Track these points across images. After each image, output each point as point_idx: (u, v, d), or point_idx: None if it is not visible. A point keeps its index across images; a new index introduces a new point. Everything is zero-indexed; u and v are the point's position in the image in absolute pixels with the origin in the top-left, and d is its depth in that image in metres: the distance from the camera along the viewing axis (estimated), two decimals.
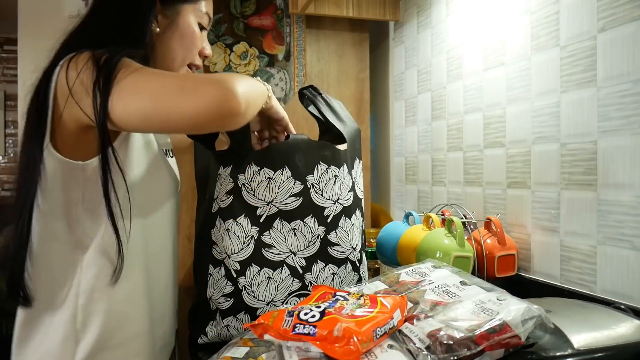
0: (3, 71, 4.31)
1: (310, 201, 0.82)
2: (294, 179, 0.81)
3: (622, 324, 0.69)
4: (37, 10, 1.69)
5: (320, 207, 0.83)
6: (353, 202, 0.87)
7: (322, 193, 0.82)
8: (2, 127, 4.30)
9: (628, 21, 0.88)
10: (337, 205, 0.83)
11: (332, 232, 0.84)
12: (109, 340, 0.74)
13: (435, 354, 0.57)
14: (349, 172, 0.86)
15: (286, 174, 0.81)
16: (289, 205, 0.82)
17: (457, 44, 1.42)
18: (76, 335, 0.73)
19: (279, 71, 1.82)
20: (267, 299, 0.83)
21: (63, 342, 0.73)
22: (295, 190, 0.82)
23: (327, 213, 0.83)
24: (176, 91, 0.64)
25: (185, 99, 0.63)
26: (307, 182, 0.82)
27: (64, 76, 0.70)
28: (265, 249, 0.83)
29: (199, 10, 0.86)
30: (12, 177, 4.27)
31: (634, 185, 0.87)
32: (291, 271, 0.83)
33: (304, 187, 0.82)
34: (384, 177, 1.96)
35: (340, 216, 0.84)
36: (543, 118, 1.08)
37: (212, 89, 0.63)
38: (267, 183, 0.81)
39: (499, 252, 1.09)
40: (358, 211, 0.89)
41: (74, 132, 0.71)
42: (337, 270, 0.86)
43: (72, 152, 0.72)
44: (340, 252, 0.86)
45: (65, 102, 0.69)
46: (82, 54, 0.71)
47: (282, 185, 0.81)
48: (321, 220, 0.83)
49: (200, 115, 0.63)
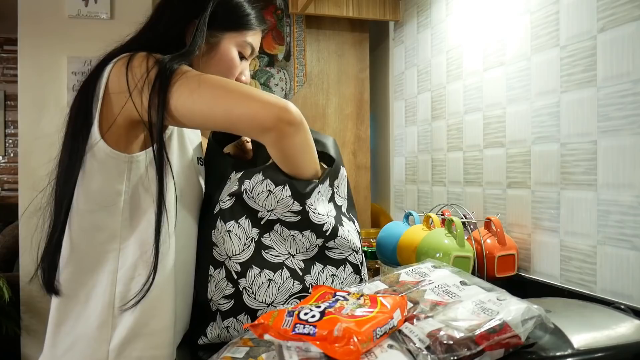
0: (3, 71, 4.31)
1: (309, 220, 0.82)
2: (293, 199, 0.81)
3: (622, 324, 0.69)
4: (37, 10, 1.69)
5: (320, 224, 0.83)
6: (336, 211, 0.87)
7: (317, 212, 0.82)
8: (2, 127, 4.30)
9: (628, 21, 0.88)
10: (330, 218, 0.84)
11: (330, 241, 0.85)
12: (143, 328, 0.77)
13: (435, 354, 0.57)
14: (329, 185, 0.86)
15: (286, 191, 0.81)
16: (289, 218, 0.82)
17: (457, 44, 1.42)
18: (113, 321, 0.76)
19: (279, 71, 1.82)
20: (268, 300, 0.83)
21: (99, 327, 0.75)
22: (294, 208, 0.82)
23: (325, 228, 0.83)
24: (243, 94, 0.73)
25: (251, 101, 0.73)
26: (306, 205, 0.82)
27: (119, 73, 0.74)
28: (265, 250, 0.83)
29: (242, 40, 0.89)
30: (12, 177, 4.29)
31: (634, 185, 0.87)
32: (291, 273, 0.83)
33: (302, 209, 0.82)
34: (384, 177, 1.96)
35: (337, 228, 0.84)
36: (543, 118, 1.08)
37: (274, 98, 0.74)
38: (267, 195, 0.81)
39: (499, 252, 1.09)
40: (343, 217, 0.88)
41: (123, 126, 0.76)
42: (336, 272, 0.86)
43: (118, 145, 0.76)
44: (339, 253, 0.86)
45: (117, 97, 0.74)
46: (138, 55, 0.76)
47: (281, 201, 0.81)
48: (320, 234, 0.84)
49: (263, 117, 0.72)
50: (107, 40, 0.84)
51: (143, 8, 1.77)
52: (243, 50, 0.90)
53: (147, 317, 0.77)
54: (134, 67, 0.74)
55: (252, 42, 0.90)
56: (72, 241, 0.77)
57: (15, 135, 4.33)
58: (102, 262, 0.77)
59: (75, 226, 0.77)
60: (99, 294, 0.76)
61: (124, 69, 0.74)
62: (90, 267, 0.77)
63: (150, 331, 0.77)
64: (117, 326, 0.76)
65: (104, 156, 0.76)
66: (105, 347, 0.75)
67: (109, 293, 0.76)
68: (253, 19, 0.90)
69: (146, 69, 0.73)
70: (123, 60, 0.76)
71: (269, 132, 0.74)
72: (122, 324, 0.76)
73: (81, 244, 0.77)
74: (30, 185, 1.63)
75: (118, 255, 0.77)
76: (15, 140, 4.35)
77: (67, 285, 0.77)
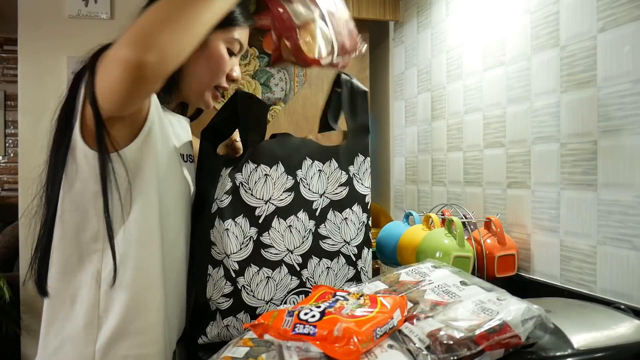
0: (3, 71, 4.31)
1: (300, 195, 0.86)
2: (286, 174, 0.85)
3: (622, 324, 0.69)
4: (37, 10, 1.69)
5: (310, 200, 0.86)
6: (347, 197, 0.89)
7: (309, 187, 0.85)
8: (2, 127, 4.30)
9: (628, 21, 0.88)
10: (324, 199, 0.86)
11: (321, 225, 0.87)
12: (129, 327, 0.77)
13: (435, 353, 0.57)
14: (340, 167, 0.88)
15: (280, 169, 0.84)
16: (284, 201, 0.85)
17: (457, 44, 1.42)
18: (98, 321, 0.76)
19: (279, 71, 1.82)
20: (267, 297, 0.83)
21: (85, 327, 0.76)
22: (288, 185, 0.85)
23: (315, 207, 0.86)
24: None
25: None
26: (297, 176, 0.86)
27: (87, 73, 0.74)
28: (264, 249, 0.83)
29: (230, 37, 0.89)
30: (12, 177, 4.29)
31: (634, 185, 0.87)
32: (289, 269, 0.84)
33: (294, 182, 0.85)
34: (384, 177, 1.96)
35: (328, 210, 0.87)
36: (543, 118, 1.08)
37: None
38: (264, 180, 0.83)
39: (499, 252, 1.09)
40: (357, 206, 0.90)
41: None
42: (331, 264, 0.88)
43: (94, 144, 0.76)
44: (332, 245, 0.88)
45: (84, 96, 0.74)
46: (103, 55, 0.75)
47: (277, 181, 0.84)
48: (311, 214, 0.86)
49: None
50: (107, 40, 0.83)
51: None
52: (231, 47, 0.90)
53: (133, 316, 0.77)
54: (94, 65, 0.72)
55: (240, 38, 0.91)
56: (58, 242, 0.77)
57: (15, 135, 4.33)
58: (86, 263, 0.77)
59: (60, 227, 0.77)
60: (84, 295, 0.76)
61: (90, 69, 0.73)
62: (75, 268, 0.77)
63: (136, 330, 0.77)
64: (102, 326, 0.76)
65: (82, 156, 0.75)
66: (92, 347, 0.75)
67: (93, 294, 0.76)
68: (238, 15, 0.90)
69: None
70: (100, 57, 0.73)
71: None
72: (107, 323, 0.76)
73: (66, 244, 0.77)
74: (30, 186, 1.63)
75: (102, 256, 0.77)
76: (15, 140, 4.34)
77: (54, 286, 0.77)
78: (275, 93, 1.82)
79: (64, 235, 0.77)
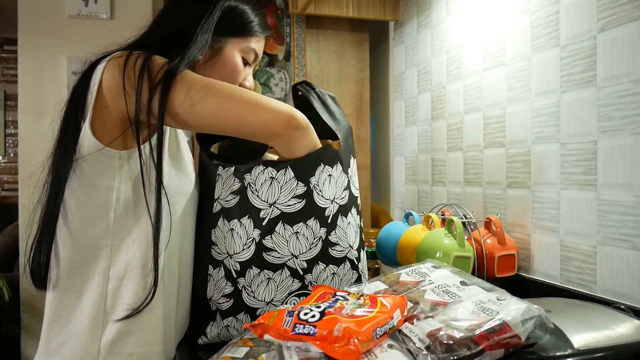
0: (3, 71, 4.31)
1: (313, 203, 0.82)
2: (297, 180, 0.81)
3: (622, 324, 0.69)
4: (37, 10, 1.69)
5: (322, 208, 0.83)
6: (348, 201, 0.87)
7: (322, 194, 0.82)
8: (2, 127, 4.30)
9: (628, 21, 0.88)
10: (334, 205, 0.84)
11: (332, 232, 0.84)
12: (134, 325, 0.77)
13: (435, 353, 0.57)
14: (343, 171, 0.86)
15: (289, 174, 0.81)
16: (292, 207, 0.82)
17: (457, 43, 1.42)
18: (105, 318, 0.76)
19: (279, 71, 1.82)
20: (267, 299, 0.83)
21: (91, 323, 0.75)
22: (298, 191, 0.81)
23: (327, 214, 0.83)
24: (251, 102, 0.76)
25: (260, 109, 0.75)
26: (310, 183, 0.82)
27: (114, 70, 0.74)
28: (266, 252, 0.82)
29: (246, 46, 0.90)
30: (12, 177, 4.29)
31: (634, 185, 0.87)
32: (291, 272, 0.83)
33: (307, 189, 0.82)
34: (384, 177, 1.96)
35: (338, 215, 0.85)
36: (543, 118, 1.08)
37: (282, 106, 0.76)
38: (269, 183, 0.81)
39: (499, 252, 1.09)
40: (354, 209, 0.89)
41: (116, 123, 0.76)
42: (337, 270, 0.86)
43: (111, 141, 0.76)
44: (339, 251, 0.85)
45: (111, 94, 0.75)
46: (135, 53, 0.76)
47: (285, 185, 0.81)
48: (323, 221, 0.83)
49: (273, 125, 0.76)
50: (107, 40, 0.83)
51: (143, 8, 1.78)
52: (247, 56, 0.91)
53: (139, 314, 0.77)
54: (130, 65, 0.74)
55: (256, 48, 0.91)
56: (68, 236, 0.77)
57: (15, 135, 4.33)
58: (95, 259, 0.77)
59: (67, 222, 0.77)
60: (91, 291, 0.76)
61: (121, 67, 0.74)
62: (83, 263, 0.77)
63: (141, 328, 0.77)
64: (107, 323, 0.76)
65: (95, 152, 0.75)
66: (97, 343, 0.75)
67: (101, 290, 0.76)
68: (257, 26, 0.91)
69: (146, 69, 0.74)
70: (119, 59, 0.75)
71: (279, 138, 0.78)
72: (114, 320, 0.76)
73: (75, 239, 0.77)
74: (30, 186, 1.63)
75: (110, 252, 0.77)
76: (15, 140, 4.35)
77: (62, 281, 0.77)
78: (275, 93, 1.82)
79: (73, 230, 0.77)
